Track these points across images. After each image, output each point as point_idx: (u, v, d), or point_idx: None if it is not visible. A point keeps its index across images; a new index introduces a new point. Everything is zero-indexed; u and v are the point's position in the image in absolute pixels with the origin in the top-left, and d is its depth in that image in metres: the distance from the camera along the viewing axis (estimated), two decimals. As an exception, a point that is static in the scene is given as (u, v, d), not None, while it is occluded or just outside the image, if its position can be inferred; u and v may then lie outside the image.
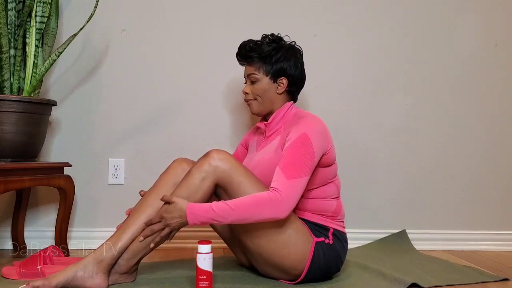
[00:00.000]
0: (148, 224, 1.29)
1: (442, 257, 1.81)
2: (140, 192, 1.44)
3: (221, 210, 1.23)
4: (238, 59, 1.53)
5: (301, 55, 1.52)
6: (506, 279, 1.51)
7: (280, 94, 1.48)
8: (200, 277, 1.24)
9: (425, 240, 1.99)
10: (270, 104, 1.49)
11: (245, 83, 1.53)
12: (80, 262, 1.27)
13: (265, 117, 1.55)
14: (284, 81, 1.47)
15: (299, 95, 1.57)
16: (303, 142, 1.32)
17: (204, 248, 1.24)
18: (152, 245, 1.29)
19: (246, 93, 1.50)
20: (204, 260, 1.24)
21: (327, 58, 2.00)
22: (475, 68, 2.06)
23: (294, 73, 1.47)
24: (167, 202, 1.27)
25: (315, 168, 1.36)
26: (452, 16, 2.05)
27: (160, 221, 1.27)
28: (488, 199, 2.05)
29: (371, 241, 1.98)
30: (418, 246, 1.95)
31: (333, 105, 2.00)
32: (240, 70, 1.87)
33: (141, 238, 1.29)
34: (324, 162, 1.38)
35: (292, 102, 1.51)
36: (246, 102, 1.52)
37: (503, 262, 1.79)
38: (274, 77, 1.47)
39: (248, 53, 1.48)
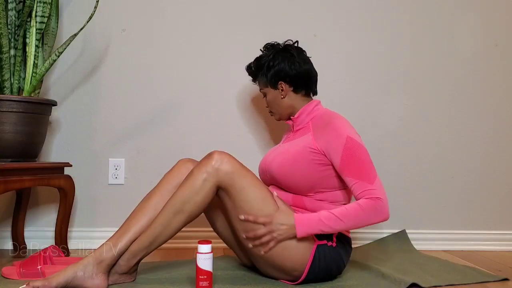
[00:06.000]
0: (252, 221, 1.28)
1: (442, 257, 1.81)
2: None
3: (330, 220, 1.26)
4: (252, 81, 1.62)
5: (298, 53, 1.50)
6: (506, 279, 1.51)
7: (285, 97, 1.49)
8: (200, 277, 1.24)
9: (425, 240, 1.99)
10: (284, 109, 1.51)
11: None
12: (80, 262, 1.27)
13: (289, 117, 1.55)
14: (282, 84, 1.47)
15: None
16: (353, 145, 1.33)
17: (204, 248, 1.24)
18: (250, 245, 1.31)
19: (266, 107, 1.57)
20: (204, 260, 1.24)
21: (327, 58, 2.00)
22: (475, 68, 2.06)
23: (289, 73, 1.46)
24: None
25: (335, 170, 1.36)
26: (452, 16, 2.05)
27: (267, 228, 1.27)
28: (488, 199, 2.05)
29: (371, 241, 1.98)
30: (418, 246, 1.95)
31: (333, 105, 1.99)
32: (239, 69, 1.87)
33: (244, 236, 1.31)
34: None
35: (315, 101, 1.51)
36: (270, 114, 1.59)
37: (503, 262, 1.79)
38: (273, 84, 1.49)
39: (251, 72, 1.58)
